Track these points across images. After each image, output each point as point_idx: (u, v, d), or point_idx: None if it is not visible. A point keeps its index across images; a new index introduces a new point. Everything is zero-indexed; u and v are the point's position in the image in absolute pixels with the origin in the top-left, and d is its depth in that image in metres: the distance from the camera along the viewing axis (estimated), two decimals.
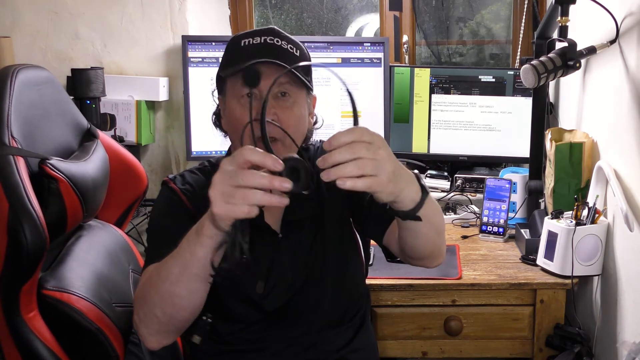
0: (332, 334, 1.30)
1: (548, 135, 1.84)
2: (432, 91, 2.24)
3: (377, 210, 1.23)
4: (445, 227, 1.21)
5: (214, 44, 2.14)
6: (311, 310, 1.28)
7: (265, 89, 1.16)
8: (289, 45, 1.21)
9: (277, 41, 1.20)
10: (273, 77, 1.14)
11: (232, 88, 1.21)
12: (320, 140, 1.38)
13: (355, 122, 0.94)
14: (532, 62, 1.55)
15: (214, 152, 2.14)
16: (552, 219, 1.68)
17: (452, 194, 2.21)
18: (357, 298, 1.36)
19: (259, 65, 1.15)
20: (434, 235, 1.14)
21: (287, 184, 0.88)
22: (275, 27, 1.24)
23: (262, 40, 1.19)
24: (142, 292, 1.10)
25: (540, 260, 1.70)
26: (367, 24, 2.71)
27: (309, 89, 1.24)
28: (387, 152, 0.92)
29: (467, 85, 2.22)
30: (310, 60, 1.26)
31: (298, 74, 1.18)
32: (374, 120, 2.22)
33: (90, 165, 1.36)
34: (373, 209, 1.25)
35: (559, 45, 1.65)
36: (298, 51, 1.22)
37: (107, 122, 2.16)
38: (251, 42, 1.20)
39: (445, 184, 2.24)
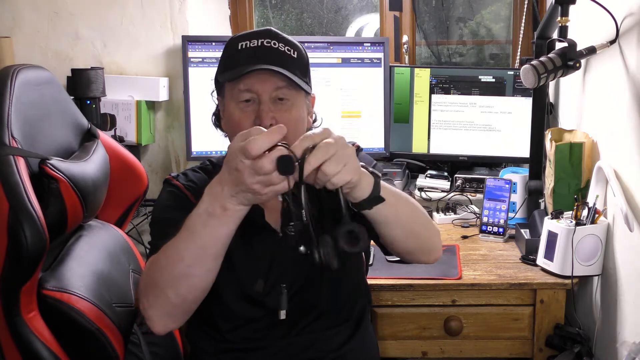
0: (331, 333, 1.30)
1: (548, 135, 1.84)
2: (432, 91, 2.24)
3: None
4: (429, 220, 1.24)
5: (214, 44, 2.14)
6: (311, 308, 1.28)
7: (263, 93, 1.18)
8: (286, 47, 1.22)
9: (274, 44, 1.21)
10: (270, 82, 1.18)
11: (230, 92, 1.22)
12: None
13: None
14: (532, 62, 1.55)
15: (214, 152, 2.14)
16: (552, 219, 1.68)
17: (452, 194, 2.21)
18: (356, 296, 1.36)
19: (259, 78, 1.17)
20: (411, 224, 1.17)
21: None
22: (272, 28, 1.25)
23: (260, 43, 1.20)
24: (150, 277, 1.10)
25: (540, 260, 1.70)
26: (367, 24, 2.71)
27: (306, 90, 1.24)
28: (341, 141, 0.99)
29: (467, 86, 2.22)
30: (308, 60, 1.27)
31: (295, 77, 1.19)
32: (374, 120, 2.22)
33: (90, 166, 1.36)
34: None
35: (559, 45, 1.65)
36: (295, 53, 1.23)
37: (107, 122, 2.15)
38: (248, 45, 1.20)
39: (445, 184, 2.24)
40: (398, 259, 1.74)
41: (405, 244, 1.21)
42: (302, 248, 1.00)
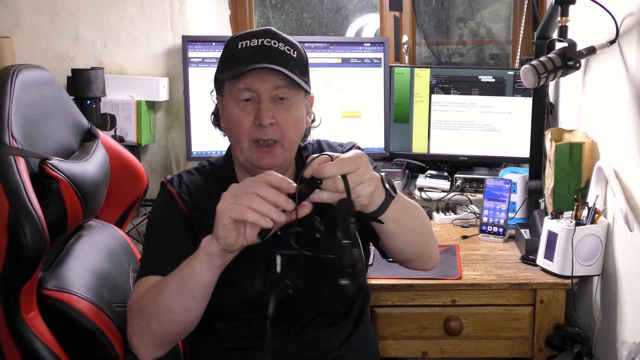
0: (331, 331, 1.30)
1: (548, 135, 1.85)
2: (432, 91, 2.24)
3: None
4: (430, 230, 1.25)
5: (214, 44, 2.14)
6: (310, 307, 1.28)
7: (262, 92, 1.18)
8: (286, 47, 1.22)
9: (274, 43, 1.21)
10: (270, 81, 1.19)
11: (230, 91, 1.22)
12: (317, 140, 1.39)
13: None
14: (532, 62, 1.55)
15: (214, 152, 2.14)
16: (552, 219, 1.68)
17: (452, 194, 2.21)
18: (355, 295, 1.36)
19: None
20: (413, 236, 1.18)
21: (290, 205, 0.96)
22: (272, 28, 1.25)
23: (259, 43, 1.20)
24: (138, 305, 1.12)
25: (540, 260, 1.70)
26: (367, 24, 2.71)
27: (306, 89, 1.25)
28: (366, 167, 0.99)
29: (467, 86, 2.22)
30: (307, 60, 1.28)
31: (295, 77, 1.19)
32: (374, 120, 2.22)
33: (90, 166, 1.36)
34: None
35: (559, 45, 1.65)
36: (295, 52, 1.23)
37: (108, 122, 2.16)
38: (248, 45, 1.21)
39: (445, 184, 2.24)
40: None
41: (405, 254, 1.23)
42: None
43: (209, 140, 2.13)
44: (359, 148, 1.39)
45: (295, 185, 0.98)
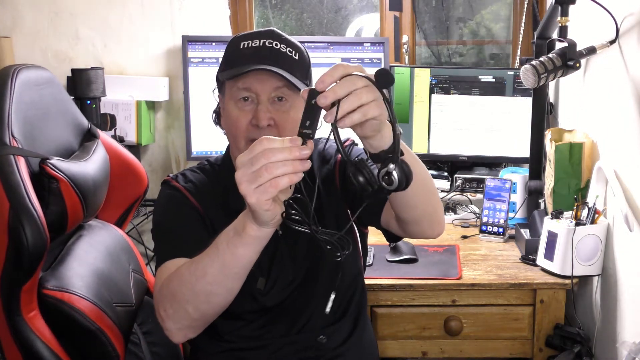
0: (330, 330, 1.30)
1: (548, 135, 1.85)
2: (432, 91, 2.24)
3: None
4: (434, 185, 1.18)
5: (214, 44, 2.14)
6: (310, 306, 1.28)
7: (261, 93, 1.17)
8: (288, 49, 1.21)
9: (276, 44, 1.20)
10: (269, 83, 1.18)
11: (230, 90, 1.22)
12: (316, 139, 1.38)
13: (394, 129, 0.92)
14: (532, 62, 1.55)
15: (214, 152, 2.14)
16: (552, 219, 1.68)
17: (452, 194, 2.21)
18: (354, 291, 1.35)
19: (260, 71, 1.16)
20: (422, 185, 1.11)
21: (306, 151, 0.89)
22: (275, 29, 1.24)
23: (261, 43, 1.20)
24: (169, 289, 1.09)
25: (540, 260, 1.70)
26: (367, 24, 2.71)
27: None
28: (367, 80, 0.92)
29: (467, 86, 2.22)
30: (309, 62, 1.27)
31: (294, 79, 1.18)
32: None
33: (90, 165, 1.36)
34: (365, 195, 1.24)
35: (559, 45, 1.65)
36: (297, 55, 1.22)
37: (108, 122, 2.16)
38: (250, 45, 1.20)
39: (445, 184, 2.24)
40: (398, 258, 1.76)
41: (415, 208, 1.15)
42: (360, 178, 0.91)
43: (209, 140, 2.13)
44: (353, 142, 1.37)
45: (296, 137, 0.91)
